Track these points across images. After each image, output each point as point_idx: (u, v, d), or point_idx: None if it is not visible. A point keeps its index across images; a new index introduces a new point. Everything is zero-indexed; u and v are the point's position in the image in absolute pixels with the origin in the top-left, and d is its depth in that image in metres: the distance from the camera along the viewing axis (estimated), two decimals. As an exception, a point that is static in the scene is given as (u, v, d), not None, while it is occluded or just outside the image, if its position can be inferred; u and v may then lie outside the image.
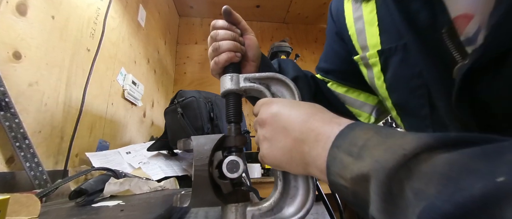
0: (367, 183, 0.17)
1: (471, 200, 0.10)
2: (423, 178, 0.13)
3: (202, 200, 0.28)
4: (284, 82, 0.35)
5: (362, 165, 0.17)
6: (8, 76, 0.60)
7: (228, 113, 0.35)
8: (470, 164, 0.12)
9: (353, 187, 0.18)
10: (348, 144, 0.19)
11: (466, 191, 0.11)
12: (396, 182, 0.14)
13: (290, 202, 0.31)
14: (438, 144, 0.14)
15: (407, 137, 0.16)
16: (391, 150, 0.16)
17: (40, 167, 0.64)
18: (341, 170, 0.19)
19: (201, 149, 0.29)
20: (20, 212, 0.32)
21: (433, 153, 0.14)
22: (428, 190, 0.12)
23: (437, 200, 0.11)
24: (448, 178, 0.12)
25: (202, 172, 0.28)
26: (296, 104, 0.28)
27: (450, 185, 0.12)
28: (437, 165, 0.13)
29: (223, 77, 0.36)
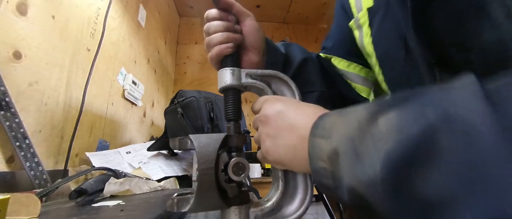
0: (338, 157, 0.19)
1: (415, 137, 0.14)
2: (377, 134, 0.16)
3: (206, 205, 0.27)
4: (285, 81, 0.35)
5: (332, 142, 0.20)
6: (8, 75, 0.60)
7: (228, 110, 0.32)
8: (407, 113, 0.15)
9: (330, 166, 0.20)
10: (321, 129, 0.22)
11: (408, 133, 0.14)
12: (358, 143, 0.17)
13: (290, 201, 0.31)
14: (378, 107, 0.18)
15: (359, 109, 0.19)
16: (350, 123, 0.19)
17: (40, 167, 0.64)
18: (319, 153, 0.21)
19: (204, 151, 0.26)
20: (20, 212, 0.32)
21: (377, 115, 0.17)
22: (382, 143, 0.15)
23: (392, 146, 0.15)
24: (393, 130, 0.15)
25: (207, 176, 0.26)
26: (302, 104, 0.29)
27: (398, 132, 0.15)
28: (384, 123, 0.16)
29: (222, 71, 0.33)
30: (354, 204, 0.19)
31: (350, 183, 0.18)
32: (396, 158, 0.15)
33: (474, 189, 0.12)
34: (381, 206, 0.16)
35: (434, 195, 0.13)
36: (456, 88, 0.15)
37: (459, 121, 0.13)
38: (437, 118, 0.14)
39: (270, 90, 0.35)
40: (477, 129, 0.13)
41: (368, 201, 0.17)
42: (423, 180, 0.14)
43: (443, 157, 0.13)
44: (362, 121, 0.18)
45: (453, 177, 0.13)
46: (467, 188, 0.12)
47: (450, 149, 0.13)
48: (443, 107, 0.14)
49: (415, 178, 0.14)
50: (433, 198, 0.13)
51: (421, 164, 0.14)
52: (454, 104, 0.14)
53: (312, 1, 2.19)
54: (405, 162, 0.14)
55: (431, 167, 0.13)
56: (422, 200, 0.14)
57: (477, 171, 0.12)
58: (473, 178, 0.12)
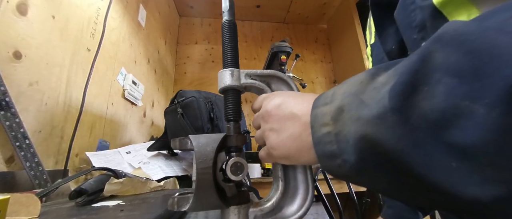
0: (343, 112, 0.20)
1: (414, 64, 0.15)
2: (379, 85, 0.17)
3: (204, 204, 0.27)
4: (284, 80, 0.35)
5: (336, 102, 0.21)
6: (8, 75, 0.60)
7: (227, 111, 0.33)
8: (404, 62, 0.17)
9: (335, 128, 0.20)
10: (323, 99, 0.23)
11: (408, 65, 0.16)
12: (361, 94, 0.19)
13: (290, 202, 0.31)
14: (375, 70, 0.19)
15: (359, 74, 0.21)
16: (352, 84, 0.20)
17: (40, 167, 0.64)
18: (322, 119, 0.22)
19: (203, 150, 0.27)
20: (20, 212, 0.32)
21: (376, 75, 0.19)
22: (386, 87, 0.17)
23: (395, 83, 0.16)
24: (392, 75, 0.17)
25: (205, 175, 0.26)
26: (299, 94, 0.29)
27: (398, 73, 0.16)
28: (384, 76, 0.18)
29: (222, 72, 0.34)
30: (362, 159, 0.18)
31: (356, 132, 0.18)
32: (401, 87, 0.15)
33: (479, 80, 0.12)
34: (392, 141, 0.16)
35: (444, 108, 0.13)
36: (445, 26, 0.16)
37: (447, 35, 0.14)
38: (429, 43, 0.15)
39: (269, 89, 0.35)
40: (464, 29, 0.14)
41: (377, 141, 0.16)
42: (430, 98, 0.14)
43: (443, 68, 0.14)
44: (364, 80, 0.19)
45: (458, 80, 0.13)
46: (474, 81, 0.12)
47: (447, 58, 0.14)
48: (433, 37, 0.15)
49: (422, 99, 0.14)
50: (444, 111, 0.13)
51: (424, 84, 0.14)
52: (441, 31, 0.15)
53: (312, 1, 2.19)
54: (410, 87, 0.15)
55: (435, 83, 0.14)
56: (433, 119, 0.14)
57: (476, 60, 0.12)
58: (474, 69, 0.12)
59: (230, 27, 0.37)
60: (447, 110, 0.13)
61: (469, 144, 0.12)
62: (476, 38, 0.13)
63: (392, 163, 0.16)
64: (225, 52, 0.35)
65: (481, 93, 0.12)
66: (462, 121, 0.13)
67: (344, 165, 0.19)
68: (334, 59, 2.41)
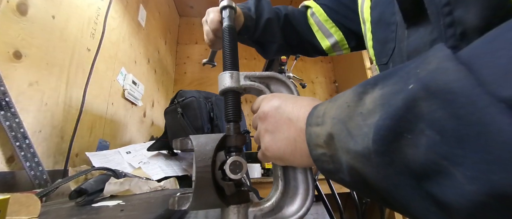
0: (333, 139, 0.20)
1: (400, 109, 0.15)
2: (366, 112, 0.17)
3: (204, 203, 0.27)
4: (283, 81, 0.36)
5: (326, 127, 0.21)
6: (8, 75, 0.60)
7: (227, 112, 0.34)
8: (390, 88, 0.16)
9: (329, 151, 0.21)
10: (315, 118, 0.23)
11: (393, 105, 0.15)
12: (348, 122, 0.19)
13: (290, 202, 0.31)
14: (362, 88, 0.19)
15: (346, 93, 0.21)
16: (340, 107, 0.20)
17: (40, 167, 0.64)
18: (316, 140, 0.22)
19: (202, 149, 0.28)
20: (20, 212, 0.32)
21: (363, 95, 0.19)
22: (371, 118, 0.16)
23: (380, 119, 0.16)
24: (378, 105, 0.16)
25: (204, 174, 0.27)
26: (298, 98, 0.29)
27: (384, 106, 0.16)
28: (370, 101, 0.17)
29: (222, 74, 0.35)
30: (355, 182, 0.19)
31: (347, 161, 0.19)
32: (385, 129, 0.15)
33: (460, 145, 0.12)
34: (377, 179, 0.16)
35: (425, 160, 0.13)
36: (429, 56, 0.15)
37: (435, 84, 0.13)
38: (415, 86, 0.14)
39: (268, 91, 0.35)
40: (452, 86, 0.13)
41: (364, 176, 0.17)
42: (412, 147, 0.14)
43: (427, 119, 0.13)
44: (350, 102, 0.19)
45: (440, 138, 0.13)
46: (454, 145, 0.12)
47: (432, 111, 0.13)
48: (420, 76, 0.15)
49: (406, 147, 0.14)
50: (424, 163, 0.14)
51: (408, 131, 0.14)
52: (429, 71, 0.14)
53: (312, 1, 2.19)
54: (393, 132, 0.15)
55: (418, 133, 0.14)
56: (415, 169, 0.14)
57: (461, 126, 0.12)
58: (458, 134, 0.12)
59: (230, 32, 0.38)
60: (428, 164, 0.13)
61: (446, 200, 0.13)
62: (466, 104, 0.12)
63: (380, 195, 0.18)
64: (225, 55, 0.36)
65: (462, 162, 0.12)
66: (441, 179, 0.13)
67: (343, 179, 0.21)
68: (334, 59, 2.41)
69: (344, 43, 0.59)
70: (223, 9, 0.42)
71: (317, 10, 0.61)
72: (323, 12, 0.60)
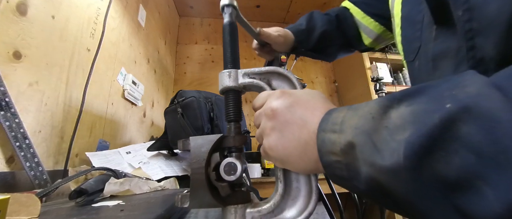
0: (354, 149, 0.19)
1: (435, 127, 0.15)
2: (393, 127, 0.17)
3: (200, 202, 0.28)
4: (285, 76, 0.34)
5: (346, 136, 0.20)
6: (8, 75, 0.60)
7: (228, 111, 0.33)
8: (420, 106, 0.16)
9: (345, 159, 0.20)
10: (331, 124, 0.22)
11: (428, 123, 0.15)
12: (373, 135, 0.18)
13: (291, 204, 0.30)
14: (388, 102, 0.19)
15: (370, 104, 0.20)
16: (363, 117, 0.20)
17: (40, 167, 0.64)
18: (331, 147, 0.21)
19: (198, 151, 0.28)
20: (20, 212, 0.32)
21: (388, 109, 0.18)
22: (400, 134, 0.16)
23: (411, 135, 0.15)
24: (409, 122, 0.16)
25: (198, 175, 0.28)
26: (311, 98, 0.27)
27: (416, 123, 0.16)
28: (397, 116, 0.17)
29: (221, 74, 0.34)
30: (372, 191, 0.19)
31: (368, 173, 0.19)
32: (418, 147, 0.15)
33: (496, 168, 0.13)
34: (404, 192, 0.17)
35: (457, 176, 0.14)
36: (465, 80, 0.16)
37: (477, 108, 0.14)
38: (453, 107, 0.15)
39: (269, 87, 0.34)
40: (496, 114, 0.13)
41: (389, 188, 0.18)
42: (445, 164, 0.14)
43: (464, 141, 0.14)
44: (375, 114, 0.19)
45: (475, 159, 0.13)
46: (489, 167, 0.13)
47: (471, 134, 0.14)
48: (459, 98, 0.15)
49: (437, 163, 0.15)
50: (455, 179, 0.14)
51: (441, 149, 0.14)
52: (469, 94, 0.15)
53: (312, 1, 2.19)
54: (426, 149, 0.15)
55: (453, 151, 0.14)
56: (445, 182, 0.15)
57: (499, 151, 0.13)
58: (495, 158, 0.13)
59: (230, 29, 0.37)
60: (460, 179, 0.14)
61: (472, 213, 0.14)
62: (508, 132, 0.13)
63: (399, 205, 0.18)
64: (225, 54, 0.36)
65: (497, 184, 0.13)
66: (472, 194, 0.14)
67: (354, 188, 0.21)
68: (334, 59, 2.41)
69: (386, 33, 0.61)
70: (224, 7, 0.40)
71: (354, 10, 0.65)
72: (359, 10, 0.63)
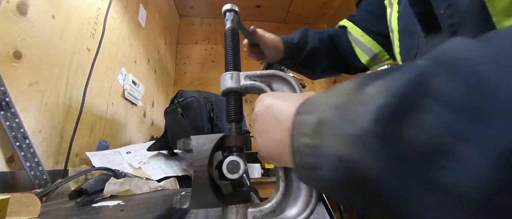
0: (323, 126, 0.18)
1: (405, 87, 0.13)
2: (365, 98, 0.16)
3: (202, 201, 0.28)
4: (285, 79, 0.35)
5: (318, 113, 0.19)
6: (8, 75, 0.60)
7: (229, 112, 0.34)
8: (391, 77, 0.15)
9: (313, 141, 0.19)
10: (306, 106, 0.22)
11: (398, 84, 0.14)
12: (345, 108, 0.17)
13: (293, 204, 0.30)
14: (363, 79, 0.17)
15: (348, 82, 0.19)
16: (337, 94, 0.19)
17: (40, 167, 0.64)
18: (303, 128, 0.21)
19: (200, 149, 0.28)
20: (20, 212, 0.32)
21: (364, 85, 0.17)
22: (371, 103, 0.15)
23: (380, 100, 0.14)
24: (381, 91, 0.15)
25: (201, 173, 0.27)
26: (290, 95, 0.28)
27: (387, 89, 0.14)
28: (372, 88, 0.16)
29: (223, 75, 0.35)
30: (339, 179, 0.17)
31: (335, 150, 0.17)
32: (387, 108, 0.14)
33: (478, 121, 0.11)
34: (373, 165, 0.14)
35: (431, 140, 0.12)
36: (444, 43, 0.14)
37: (449, 59, 0.12)
38: (426, 64, 0.13)
39: (270, 89, 0.35)
40: (470, 57, 0.12)
41: (356, 163, 0.15)
42: (418, 127, 0.12)
43: (436, 95, 0.12)
44: (350, 90, 0.18)
45: (450, 115, 0.11)
46: (469, 121, 0.11)
47: (443, 86, 0.12)
48: (432, 55, 0.14)
49: (409, 126, 0.13)
50: (430, 144, 0.12)
51: (413, 109, 0.13)
52: (442, 50, 0.13)
53: (312, 1, 2.19)
54: (396, 110, 0.13)
55: (425, 110, 0.12)
56: (418, 150, 0.12)
57: (479, 100, 0.11)
58: (476, 108, 0.11)
59: (232, 34, 0.39)
60: (436, 144, 0.12)
61: (455, 188, 0.11)
62: (482, 70, 0.11)
63: (369, 188, 0.15)
64: (227, 57, 0.37)
65: (478, 140, 0.10)
66: (451, 162, 0.11)
67: (322, 180, 0.19)
68: (334, 59, 2.41)
69: (383, 54, 0.61)
70: (226, 12, 0.42)
71: (351, 27, 0.65)
72: (357, 28, 0.63)
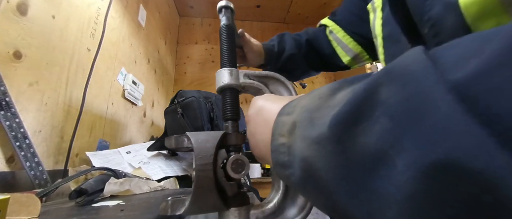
0: (296, 128, 0.19)
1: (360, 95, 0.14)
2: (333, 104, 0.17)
3: (203, 205, 0.25)
4: (282, 82, 0.35)
5: (293, 116, 0.20)
6: (8, 75, 0.60)
7: (225, 110, 0.32)
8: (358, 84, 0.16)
9: (288, 141, 0.20)
10: (287, 108, 0.23)
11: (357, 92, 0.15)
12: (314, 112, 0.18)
13: (291, 203, 0.30)
14: (339, 85, 0.19)
15: (323, 87, 0.20)
16: (312, 98, 0.20)
17: (40, 167, 0.64)
18: (281, 129, 0.21)
19: (202, 147, 0.25)
20: (20, 212, 0.32)
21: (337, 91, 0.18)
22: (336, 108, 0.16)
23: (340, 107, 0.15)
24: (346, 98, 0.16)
25: (206, 172, 0.24)
26: (281, 98, 0.28)
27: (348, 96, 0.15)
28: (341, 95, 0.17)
29: (220, 71, 0.33)
30: (304, 179, 0.18)
31: (301, 151, 0.18)
32: (342, 116, 0.15)
33: (408, 129, 0.11)
34: (326, 168, 0.16)
35: (374, 148, 0.13)
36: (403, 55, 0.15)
37: (398, 68, 0.13)
38: (380, 74, 0.14)
39: (267, 90, 0.34)
40: (412, 68, 0.12)
41: (314, 165, 0.16)
42: (365, 134, 0.13)
43: (383, 105, 0.13)
44: (323, 95, 0.19)
45: (390, 124, 0.12)
46: (401, 130, 0.11)
47: (389, 96, 0.13)
48: (388, 65, 0.14)
49: (358, 133, 0.14)
50: (373, 151, 0.13)
51: (363, 118, 0.14)
52: (397, 61, 0.14)
53: (312, 2, 2.19)
54: (349, 118, 0.14)
55: (372, 119, 0.13)
56: (364, 155, 0.13)
57: (411, 109, 0.11)
58: (407, 118, 0.11)
59: (227, 30, 0.37)
60: (378, 152, 0.13)
61: (385, 195, 0.12)
62: (416, 84, 0.12)
63: (324, 189, 0.16)
64: (223, 53, 0.35)
65: (407, 148, 0.11)
66: (385, 170, 0.12)
67: (291, 177, 0.20)
68: (334, 59, 2.41)
69: (364, 54, 0.62)
70: (222, 9, 0.41)
71: (334, 27, 0.65)
72: (340, 28, 0.64)
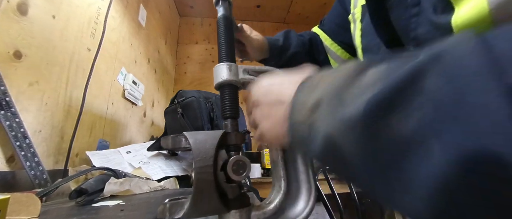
0: (321, 105, 0.19)
1: (401, 80, 0.13)
2: (364, 84, 0.16)
3: (203, 209, 0.24)
4: None
5: (317, 93, 0.20)
6: (8, 75, 0.60)
7: (224, 107, 0.30)
8: (396, 62, 0.15)
9: (309, 119, 0.20)
10: (308, 84, 0.22)
11: (396, 76, 0.14)
12: (344, 90, 0.17)
13: (293, 203, 0.30)
14: (369, 63, 0.18)
15: (351, 64, 0.20)
16: (339, 76, 0.19)
17: (40, 167, 0.64)
18: (303, 105, 0.21)
19: (201, 147, 0.24)
20: (20, 211, 0.32)
21: (366, 69, 0.17)
22: (368, 92, 0.15)
23: (376, 90, 0.14)
24: (379, 79, 0.15)
25: (205, 175, 0.23)
26: (285, 76, 0.28)
27: (385, 78, 0.15)
28: (372, 73, 0.16)
29: (218, 66, 0.31)
30: (326, 153, 0.18)
31: (326, 130, 0.18)
32: (380, 99, 0.14)
33: (452, 120, 0.11)
34: (355, 150, 0.15)
35: (410, 133, 0.13)
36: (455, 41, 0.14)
37: (449, 56, 0.13)
38: (425, 59, 0.13)
39: None
40: (464, 59, 0.12)
41: (341, 146, 0.16)
42: (402, 118, 0.13)
43: (429, 93, 0.12)
44: (352, 72, 0.18)
45: (433, 112, 0.12)
46: (441, 122, 0.12)
47: (436, 84, 0.12)
48: (434, 50, 0.13)
49: (397, 121, 0.13)
50: (409, 136, 0.13)
51: (406, 105, 0.13)
52: (446, 44, 0.13)
53: (312, 2, 2.19)
54: (387, 102, 0.14)
55: (418, 107, 0.13)
56: (398, 138, 0.13)
57: (458, 101, 0.11)
58: (453, 109, 0.11)
59: (225, 22, 0.35)
60: (414, 138, 0.13)
61: (413, 178, 0.13)
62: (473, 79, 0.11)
63: (348, 168, 0.17)
64: (221, 46, 0.33)
65: (447, 139, 0.11)
66: (417, 155, 0.12)
67: (312, 149, 0.20)
68: (334, 59, 2.41)
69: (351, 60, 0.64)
70: (218, 1, 0.38)
71: (322, 36, 0.66)
72: (327, 37, 0.65)
